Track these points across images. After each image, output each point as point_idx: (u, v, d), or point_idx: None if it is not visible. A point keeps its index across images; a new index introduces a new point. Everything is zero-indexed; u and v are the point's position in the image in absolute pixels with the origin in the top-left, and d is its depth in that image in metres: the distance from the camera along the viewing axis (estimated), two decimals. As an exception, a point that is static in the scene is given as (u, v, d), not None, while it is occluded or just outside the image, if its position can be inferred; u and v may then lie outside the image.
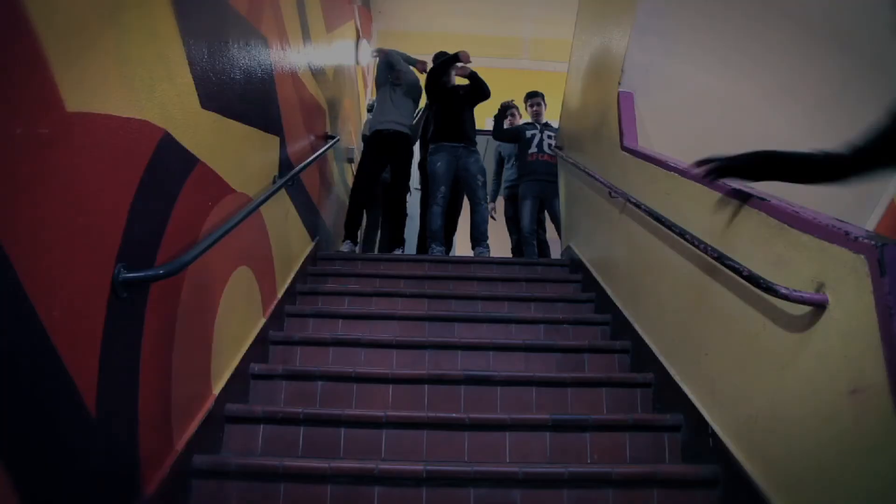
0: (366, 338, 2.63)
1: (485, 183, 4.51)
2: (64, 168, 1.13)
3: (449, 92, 4.37)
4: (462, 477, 1.77)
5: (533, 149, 4.79)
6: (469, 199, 4.49)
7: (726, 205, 1.85)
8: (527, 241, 4.73)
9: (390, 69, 4.53)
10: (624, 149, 2.92)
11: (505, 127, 4.97)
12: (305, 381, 2.33)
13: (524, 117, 5.22)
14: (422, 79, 4.55)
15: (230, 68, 2.07)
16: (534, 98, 5.07)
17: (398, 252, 4.31)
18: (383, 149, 4.32)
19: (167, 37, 1.58)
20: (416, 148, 5.00)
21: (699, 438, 1.91)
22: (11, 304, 0.99)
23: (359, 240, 4.52)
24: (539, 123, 4.97)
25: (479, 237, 4.37)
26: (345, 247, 4.22)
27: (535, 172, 4.75)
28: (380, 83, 4.60)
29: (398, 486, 1.76)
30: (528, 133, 4.89)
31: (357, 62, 5.70)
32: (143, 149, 1.45)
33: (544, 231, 5.08)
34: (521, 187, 4.83)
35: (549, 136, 4.82)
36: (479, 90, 4.38)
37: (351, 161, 5.52)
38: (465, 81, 4.42)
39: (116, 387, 1.35)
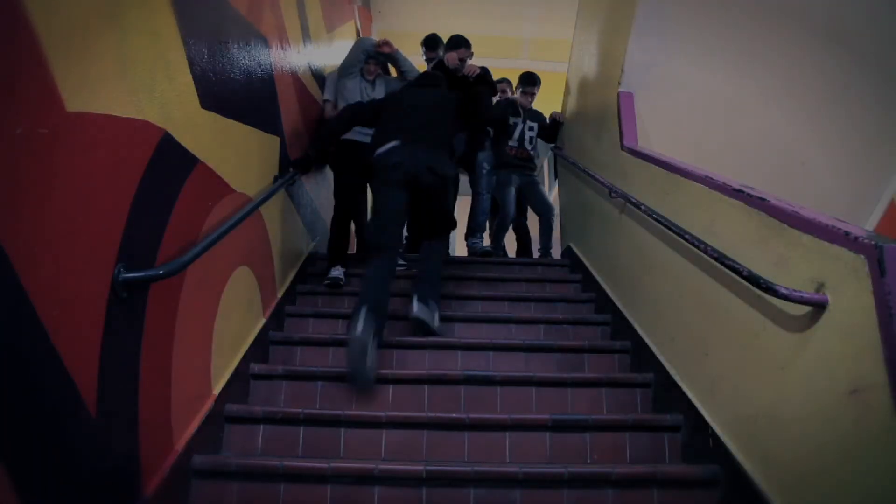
0: (366, 338, 2.63)
1: (489, 172, 4.35)
2: (64, 168, 1.13)
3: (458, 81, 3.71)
4: (462, 477, 1.77)
5: (513, 142, 4.45)
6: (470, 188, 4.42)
7: (726, 205, 1.85)
8: (506, 227, 4.53)
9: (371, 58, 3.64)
10: (624, 149, 2.92)
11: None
12: (305, 381, 2.33)
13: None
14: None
15: (230, 68, 2.07)
16: (529, 87, 4.53)
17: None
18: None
19: (167, 37, 1.58)
20: None
21: (699, 438, 1.91)
22: (11, 304, 0.99)
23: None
24: (524, 109, 4.52)
25: (474, 227, 4.30)
26: (336, 272, 3.28)
27: (514, 166, 4.44)
28: (349, 71, 3.67)
29: (398, 487, 1.76)
30: (511, 121, 4.45)
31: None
32: (143, 149, 1.45)
33: (525, 218, 4.80)
34: (500, 174, 4.44)
35: (531, 129, 4.48)
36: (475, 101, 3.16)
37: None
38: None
39: (116, 387, 1.35)
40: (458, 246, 5.00)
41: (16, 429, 1.02)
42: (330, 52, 4.28)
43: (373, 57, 3.66)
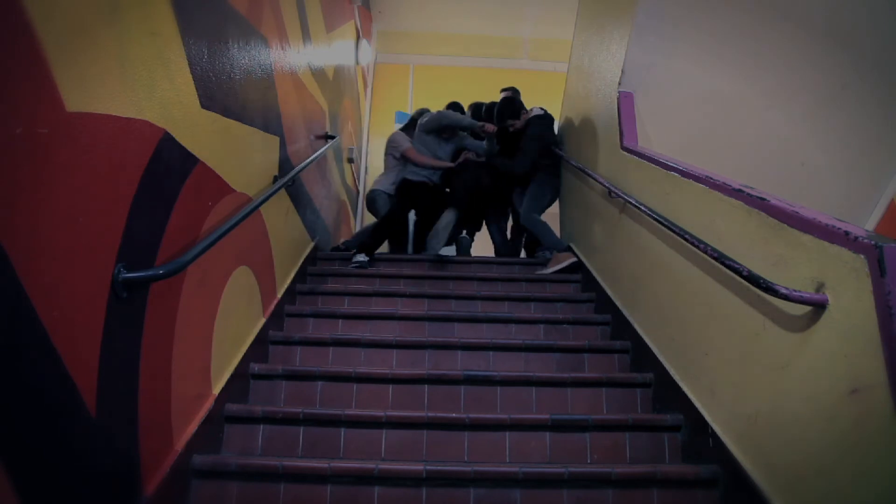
0: (366, 338, 2.63)
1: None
2: (64, 168, 1.13)
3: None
4: (462, 477, 1.77)
5: None
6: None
7: (726, 205, 1.85)
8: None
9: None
10: (624, 149, 2.92)
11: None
12: (305, 381, 2.33)
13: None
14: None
15: (230, 68, 2.07)
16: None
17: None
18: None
19: (167, 36, 1.58)
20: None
21: (699, 438, 1.91)
22: (11, 304, 0.99)
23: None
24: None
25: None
26: (361, 256, 3.80)
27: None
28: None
29: (398, 486, 1.76)
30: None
31: (357, 62, 5.70)
32: (143, 149, 1.45)
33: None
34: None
35: None
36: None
37: (351, 161, 5.51)
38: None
39: (116, 387, 1.35)
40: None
41: (15, 429, 1.02)
42: (330, 52, 4.28)
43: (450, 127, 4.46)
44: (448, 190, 4.36)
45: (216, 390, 2.00)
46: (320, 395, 2.31)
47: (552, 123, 4.30)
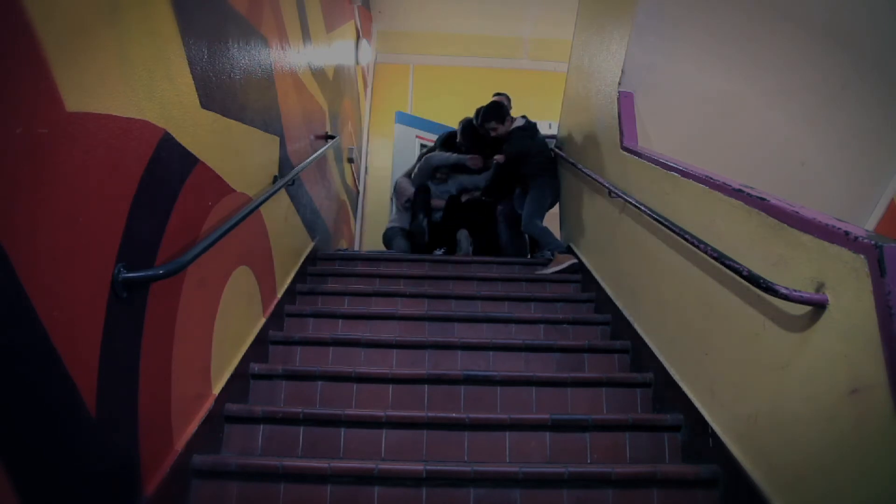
0: (366, 338, 2.63)
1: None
2: (64, 168, 1.13)
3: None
4: (462, 477, 1.77)
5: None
6: None
7: (726, 204, 1.85)
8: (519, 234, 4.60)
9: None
10: (624, 149, 2.92)
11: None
12: (305, 381, 2.33)
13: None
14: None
15: (230, 68, 2.07)
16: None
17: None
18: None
19: (167, 36, 1.58)
20: None
21: (699, 438, 1.91)
22: (11, 304, 0.99)
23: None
24: None
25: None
26: (439, 251, 4.45)
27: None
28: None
29: (398, 486, 1.76)
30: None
31: (357, 62, 5.70)
32: (143, 149, 1.45)
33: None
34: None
35: None
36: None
37: (351, 161, 5.51)
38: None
39: (116, 387, 1.35)
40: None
41: (15, 429, 1.02)
42: (330, 52, 4.28)
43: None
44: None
45: (216, 390, 2.00)
46: (320, 395, 2.31)
47: (535, 131, 4.27)
